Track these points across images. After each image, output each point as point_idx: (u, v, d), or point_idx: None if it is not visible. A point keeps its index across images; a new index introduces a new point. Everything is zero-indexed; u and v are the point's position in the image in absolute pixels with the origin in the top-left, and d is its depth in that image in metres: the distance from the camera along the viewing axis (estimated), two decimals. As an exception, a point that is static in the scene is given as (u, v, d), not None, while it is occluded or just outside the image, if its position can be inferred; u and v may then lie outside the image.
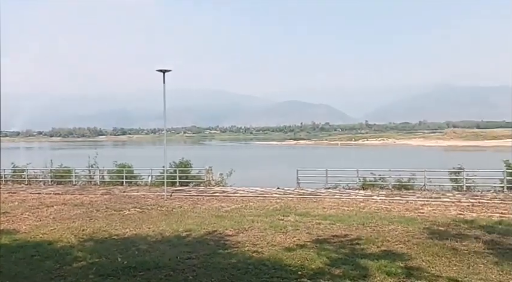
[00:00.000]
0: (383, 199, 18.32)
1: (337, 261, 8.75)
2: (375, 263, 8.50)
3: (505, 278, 7.72)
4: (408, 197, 18.81)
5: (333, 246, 10.21)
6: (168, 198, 19.90)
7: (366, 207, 16.22)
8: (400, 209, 15.75)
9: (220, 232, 12.09)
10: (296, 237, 11.25)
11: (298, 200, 18.42)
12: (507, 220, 13.11)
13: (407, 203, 17.30)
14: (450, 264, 8.57)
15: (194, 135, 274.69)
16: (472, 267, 8.40)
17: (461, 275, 7.87)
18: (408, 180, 21.98)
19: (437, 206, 16.26)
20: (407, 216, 14.09)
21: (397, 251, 9.64)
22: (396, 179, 22.24)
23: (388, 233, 11.54)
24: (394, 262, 8.61)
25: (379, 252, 9.53)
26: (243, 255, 9.47)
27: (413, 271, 8.08)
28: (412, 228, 12.05)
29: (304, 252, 9.47)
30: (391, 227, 12.38)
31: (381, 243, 10.41)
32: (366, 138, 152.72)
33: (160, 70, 19.50)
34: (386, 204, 16.96)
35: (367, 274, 7.90)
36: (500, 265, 8.44)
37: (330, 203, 17.39)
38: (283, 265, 8.56)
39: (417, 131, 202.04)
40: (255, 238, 11.17)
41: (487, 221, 13.04)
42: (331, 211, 15.45)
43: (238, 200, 18.77)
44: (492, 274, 7.96)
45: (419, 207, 16.08)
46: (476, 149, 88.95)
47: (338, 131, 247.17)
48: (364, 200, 18.11)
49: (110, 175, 27.92)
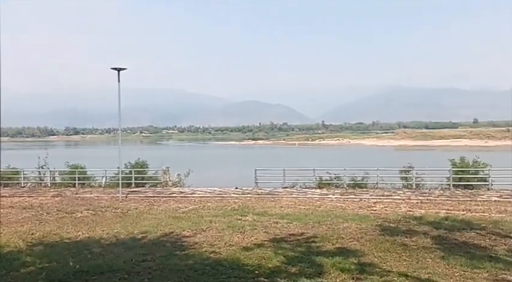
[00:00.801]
0: (338, 198, 18.81)
1: (293, 260, 8.89)
2: (330, 260, 8.72)
3: (450, 272, 8.14)
4: (362, 195, 19.41)
5: (290, 244, 10.37)
6: (123, 199, 19.41)
7: (322, 206, 16.58)
8: (354, 207, 16.23)
9: (177, 233, 11.95)
10: (254, 236, 11.32)
11: (256, 200, 18.54)
12: (453, 216, 13.83)
13: (361, 201, 17.85)
14: (400, 260, 8.93)
15: (151, 135, 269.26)
16: (420, 262, 8.79)
17: (410, 270, 8.22)
18: (362, 179, 22.67)
19: (388, 204, 16.90)
20: (361, 214, 14.55)
21: (351, 248, 9.93)
22: (351, 178, 22.88)
23: (343, 231, 11.86)
24: (348, 259, 8.87)
25: (334, 250, 9.78)
26: (200, 256, 9.41)
27: (366, 267, 8.36)
28: (365, 226, 12.45)
29: (262, 252, 9.55)
30: (346, 224, 12.73)
31: (335, 240, 10.69)
32: (323, 138, 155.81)
33: (115, 68, 18.98)
34: (341, 203, 17.42)
35: (322, 271, 8.09)
36: (446, 259, 8.89)
37: (288, 202, 17.62)
38: (240, 265, 8.59)
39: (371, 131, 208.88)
40: (213, 238, 11.13)
41: (435, 217, 13.70)
42: (289, 210, 15.67)
43: (196, 201, 18.62)
44: (439, 268, 8.37)
45: (372, 205, 16.65)
46: (425, 149, 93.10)
47: (296, 131, 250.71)
48: (320, 199, 18.49)
49: (61, 176, 26.84)
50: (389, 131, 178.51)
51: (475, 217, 13.69)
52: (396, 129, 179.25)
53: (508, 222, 12.50)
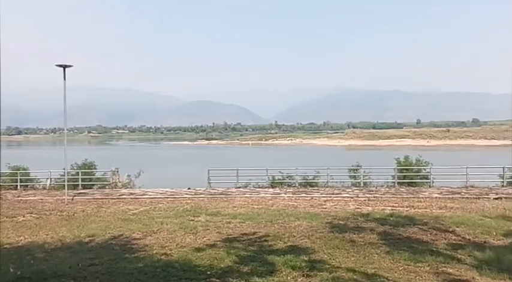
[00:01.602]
0: (290, 196, 19.10)
1: (245, 259, 8.93)
2: (282, 258, 8.84)
3: (395, 266, 8.52)
4: (313, 193, 19.83)
5: (242, 244, 10.41)
6: (69, 202, 18.61)
7: (274, 205, 16.76)
8: (306, 205, 16.55)
9: (126, 236, 11.63)
10: (206, 237, 11.25)
11: (209, 200, 18.43)
12: (397, 212, 14.47)
13: (312, 199, 18.24)
14: (349, 256, 9.23)
15: (100, 135, 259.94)
16: (367, 257, 9.13)
17: (358, 265, 8.52)
18: (313, 178, 23.16)
19: (338, 201, 17.39)
20: (312, 212, 14.86)
21: (302, 246, 10.13)
22: (302, 177, 23.31)
23: (294, 229, 12.07)
24: (299, 256, 9.03)
25: (286, 248, 9.93)
26: (150, 258, 9.22)
27: (316, 264, 8.56)
28: (315, 223, 12.74)
29: (214, 252, 9.52)
30: (297, 222, 12.96)
31: (287, 238, 10.85)
32: (276, 138, 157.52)
33: (61, 65, 18.14)
34: (293, 201, 17.71)
35: (274, 269, 8.19)
36: (391, 254, 9.29)
37: (240, 202, 17.66)
38: (192, 266, 8.51)
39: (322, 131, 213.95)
40: (164, 240, 10.94)
41: (381, 213, 14.26)
42: (241, 210, 15.71)
43: (147, 202, 18.22)
44: (384, 263, 8.73)
45: (323, 203, 17.06)
46: (372, 148, 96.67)
47: (249, 131, 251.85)
48: (272, 198, 18.69)
49: (2, 179, 25.26)
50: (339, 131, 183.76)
51: (418, 213, 14.39)
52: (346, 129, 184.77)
53: (447, 218, 13.25)
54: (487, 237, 10.81)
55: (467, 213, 13.96)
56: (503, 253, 9.01)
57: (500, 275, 7.70)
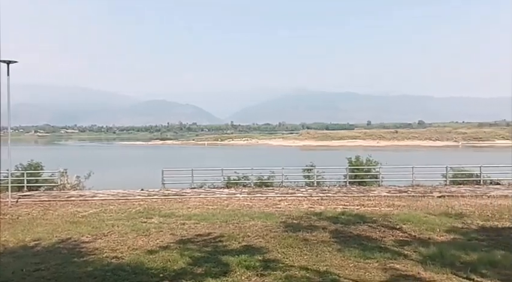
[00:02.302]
0: (245, 196, 19.15)
1: (199, 260, 8.87)
2: (236, 258, 8.85)
3: (345, 263, 8.78)
4: (268, 193, 20.00)
5: (197, 245, 10.32)
6: (13, 204, 17.63)
7: (229, 205, 16.74)
8: (261, 205, 16.66)
9: (75, 239, 11.19)
10: (159, 239, 11.05)
11: (163, 201, 18.11)
12: (349, 211, 14.90)
13: (267, 199, 18.39)
14: (302, 254, 9.40)
15: (48, 135, 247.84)
16: (319, 255, 9.34)
17: (310, 263, 8.70)
18: (268, 178, 23.37)
19: (292, 201, 17.65)
20: (267, 212, 14.99)
21: (256, 245, 10.19)
22: (258, 177, 23.46)
23: (249, 229, 12.12)
24: (253, 256, 9.08)
25: (240, 248, 9.95)
26: (100, 262, 8.92)
27: (270, 263, 8.65)
28: (270, 223, 12.86)
29: (167, 254, 9.37)
30: (252, 222, 13.02)
31: (242, 239, 10.88)
32: (232, 138, 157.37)
33: (4, 61, 17.15)
34: (248, 201, 17.77)
35: (228, 270, 8.19)
36: (342, 251, 9.56)
37: (195, 203, 17.49)
38: (144, 269, 8.33)
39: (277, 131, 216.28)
40: (115, 243, 10.63)
41: (333, 212, 14.63)
42: (196, 210, 15.56)
43: (97, 204, 17.61)
44: (336, 260, 8.98)
45: (277, 203, 17.25)
46: (326, 148, 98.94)
47: (205, 131, 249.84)
48: (228, 198, 18.66)
49: None
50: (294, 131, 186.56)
51: (368, 211, 14.89)
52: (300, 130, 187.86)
53: (395, 215, 13.81)
54: (431, 233, 11.37)
55: (413, 211, 14.62)
56: (446, 249, 9.52)
57: (443, 270, 8.13)
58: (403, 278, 7.81)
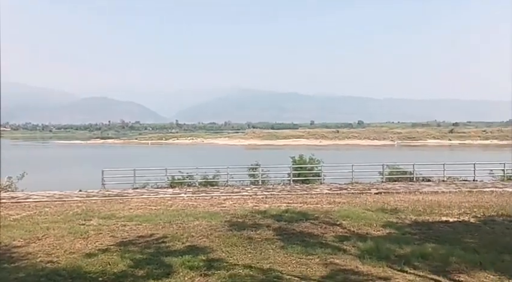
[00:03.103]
0: (190, 196, 18.94)
1: (141, 262, 8.64)
2: (179, 259, 8.73)
3: (288, 260, 8.95)
4: (213, 192, 19.92)
5: (138, 247, 10.05)
6: None
7: (173, 205, 16.46)
8: (205, 205, 16.54)
9: (5, 244, 10.47)
10: (98, 241, 10.64)
11: (103, 202, 17.44)
12: (292, 209, 15.20)
13: (212, 198, 18.32)
14: (246, 252, 9.46)
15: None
16: (263, 253, 9.45)
17: (254, 261, 8.78)
18: (213, 177, 23.28)
19: (237, 200, 17.71)
20: (211, 211, 14.92)
21: (200, 245, 10.12)
22: (202, 176, 23.29)
23: (193, 229, 12.00)
24: (197, 256, 9.01)
25: (184, 248, 9.83)
26: (34, 267, 8.43)
27: (214, 263, 8.62)
28: (215, 222, 12.81)
29: (107, 257, 9.04)
30: (196, 222, 12.90)
31: (186, 239, 10.75)
32: (177, 137, 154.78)
33: None
34: (193, 201, 17.58)
35: (171, 271, 8.06)
36: (285, 249, 9.73)
37: (137, 203, 17.02)
38: (82, 273, 7.98)
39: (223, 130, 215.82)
40: (50, 247, 10.08)
41: (277, 210, 14.85)
42: (138, 211, 15.15)
43: (31, 206, 16.59)
44: (279, 257, 9.13)
45: (223, 202, 17.22)
46: (271, 147, 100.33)
47: (149, 130, 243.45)
48: (172, 198, 18.35)
49: None
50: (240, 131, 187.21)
51: (310, 208, 15.29)
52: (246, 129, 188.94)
53: (336, 212, 14.29)
54: (369, 228, 11.90)
55: (353, 207, 15.21)
56: (382, 243, 10.01)
57: (379, 263, 8.54)
58: (342, 272, 8.11)
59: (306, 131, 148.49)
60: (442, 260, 8.75)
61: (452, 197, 17.72)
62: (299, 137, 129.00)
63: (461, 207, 15.06)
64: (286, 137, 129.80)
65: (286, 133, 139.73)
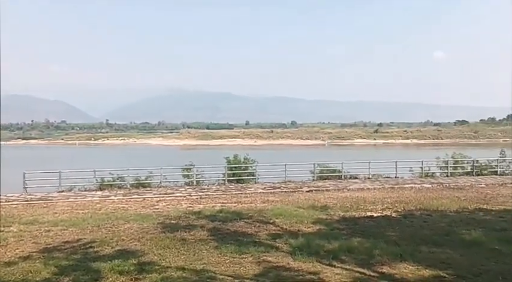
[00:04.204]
0: (120, 199, 18.29)
1: (66, 269, 8.22)
2: (108, 264, 8.41)
3: (222, 260, 8.99)
4: (145, 194, 19.40)
5: (64, 253, 9.55)
6: None
7: (102, 209, 15.82)
8: (137, 207, 16.09)
9: None
10: (19, 249, 9.96)
11: (25, 207, 16.30)
12: (226, 208, 15.28)
13: (144, 200, 17.85)
14: (179, 254, 9.35)
15: None
16: (197, 254, 9.40)
17: (187, 263, 8.70)
18: (146, 178, 22.66)
19: (171, 201, 17.42)
20: (143, 213, 14.54)
21: (131, 249, 9.83)
22: (135, 177, 22.58)
23: (124, 232, 11.62)
24: (127, 260, 8.73)
25: (113, 253, 9.49)
26: None
27: (146, 266, 8.42)
28: (147, 225, 12.51)
29: (28, 265, 8.49)
30: (127, 225, 12.51)
31: (115, 243, 10.39)
32: (107, 137, 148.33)
33: None
34: (123, 204, 17.01)
35: (99, 277, 7.76)
36: (219, 249, 9.76)
37: (63, 208, 16.13)
38: (-1, 284, 7.42)
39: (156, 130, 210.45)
40: (-38, 258, 9.23)
41: (211, 210, 14.84)
42: (64, 216, 14.36)
43: None
44: (213, 257, 9.13)
45: (155, 204, 16.85)
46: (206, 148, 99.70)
47: (76, 130, 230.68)
48: (101, 201, 17.61)
49: None
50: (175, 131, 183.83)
51: (244, 208, 15.47)
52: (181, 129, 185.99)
53: (269, 210, 14.58)
54: (300, 225, 12.29)
55: (285, 206, 15.62)
56: (312, 239, 10.38)
57: (310, 259, 8.86)
58: (274, 269, 8.31)
59: (241, 131, 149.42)
60: (366, 253, 9.27)
61: (376, 193, 18.85)
62: (234, 137, 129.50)
63: (384, 202, 16.07)
64: (221, 137, 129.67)
65: (221, 133, 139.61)
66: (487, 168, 26.80)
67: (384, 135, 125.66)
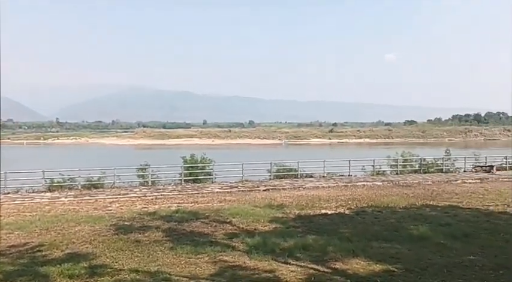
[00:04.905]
0: (71, 200, 17.61)
1: (12, 274, 7.83)
2: (58, 268, 8.10)
3: (177, 261, 8.88)
4: (98, 195, 18.78)
5: (9, 258, 9.09)
6: None
7: (51, 211, 15.16)
8: (89, 209, 15.57)
9: None
10: (-42, 255, 9.33)
11: (-35, 211, 15.29)
12: (183, 209, 15.09)
13: (96, 201, 17.29)
14: (133, 256, 9.14)
15: None
16: (151, 255, 9.23)
17: (141, 265, 8.53)
18: (98, 179, 21.95)
19: (125, 202, 16.98)
20: (95, 215, 14.09)
21: (82, 252, 9.51)
22: (86, 178, 21.81)
23: (74, 235, 11.22)
24: (78, 264, 8.45)
25: (63, 256, 9.15)
26: None
27: (97, 269, 8.17)
28: (99, 227, 12.13)
29: (-31, 272, 7.99)
30: (78, 228, 12.09)
31: (65, 246, 10.01)
32: (57, 137, 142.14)
33: None
34: (74, 205, 16.40)
35: (48, 281, 7.44)
36: (174, 249, 9.64)
37: (9, 210, 15.29)
38: None
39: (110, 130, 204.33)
40: None
41: (167, 211, 14.62)
42: (10, 219, 13.64)
43: None
44: (168, 259, 9.01)
45: (108, 205, 16.36)
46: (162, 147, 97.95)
47: (24, 129, 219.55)
48: (50, 203, 16.87)
49: None
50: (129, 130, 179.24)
51: (201, 208, 15.36)
52: (136, 128, 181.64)
53: (226, 210, 14.56)
54: (257, 224, 12.38)
55: (242, 205, 15.67)
56: (269, 237, 10.49)
57: (266, 257, 8.94)
58: (230, 269, 8.32)
59: (198, 130, 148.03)
60: (321, 250, 9.49)
61: (330, 191, 19.32)
62: (192, 137, 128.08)
63: (338, 200, 16.51)
64: (178, 136, 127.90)
65: (178, 132, 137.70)
66: (434, 166, 28.18)
67: (339, 135, 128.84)
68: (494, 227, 11.61)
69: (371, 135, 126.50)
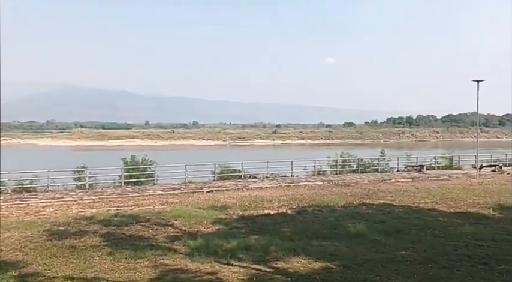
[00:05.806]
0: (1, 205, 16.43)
1: None
2: (-18, 279, 7.53)
3: (116, 266, 8.59)
4: (30, 199, 17.70)
5: None
6: None
7: (-24, 217, 14.05)
8: (20, 214, 14.65)
9: None
10: None
11: None
12: (122, 212, 14.62)
13: (28, 206, 16.29)
14: (67, 263, 8.72)
15: None
16: (88, 261, 8.86)
17: (77, 272, 8.16)
18: (30, 182, 20.69)
19: (59, 206, 16.13)
20: (27, 221, 13.28)
21: (11, 260, 8.94)
22: (17, 181, 20.48)
23: (3, 242, 10.51)
24: (6, 273, 7.95)
25: (-11, 266, 8.50)
26: None
27: (28, 278, 7.73)
28: (30, 233, 11.45)
29: None
30: (7, 234, 11.33)
31: (-8, 255, 9.32)
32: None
33: None
34: (3, 211, 15.32)
35: (-29, 294, 6.89)
36: (113, 255, 9.31)
37: None
38: None
39: (45, 130, 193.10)
40: None
41: (105, 215, 14.08)
42: None
43: None
44: (105, 264, 8.68)
45: (41, 209, 15.49)
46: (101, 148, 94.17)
47: None
48: (-26, 209, 15.63)
49: None
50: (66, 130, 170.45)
51: (142, 210, 14.96)
52: (73, 129, 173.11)
53: (168, 212, 14.30)
54: (200, 226, 12.29)
55: (185, 207, 15.46)
56: (211, 239, 10.45)
57: (208, 259, 8.91)
58: (171, 272, 8.19)
59: (140, 131, 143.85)
60: (263, 249, 9.61)
61: (273, 191, 19.62)
62: (133, 138, 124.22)
63: (280, 200, 16.81)
64: (118, 137, 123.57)
65: (118, 133, 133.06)
66: (370, 166, 29.58)
67: (282, 136, 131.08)
68: (423, 223, 12.39)
69: (313, 136, 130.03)
